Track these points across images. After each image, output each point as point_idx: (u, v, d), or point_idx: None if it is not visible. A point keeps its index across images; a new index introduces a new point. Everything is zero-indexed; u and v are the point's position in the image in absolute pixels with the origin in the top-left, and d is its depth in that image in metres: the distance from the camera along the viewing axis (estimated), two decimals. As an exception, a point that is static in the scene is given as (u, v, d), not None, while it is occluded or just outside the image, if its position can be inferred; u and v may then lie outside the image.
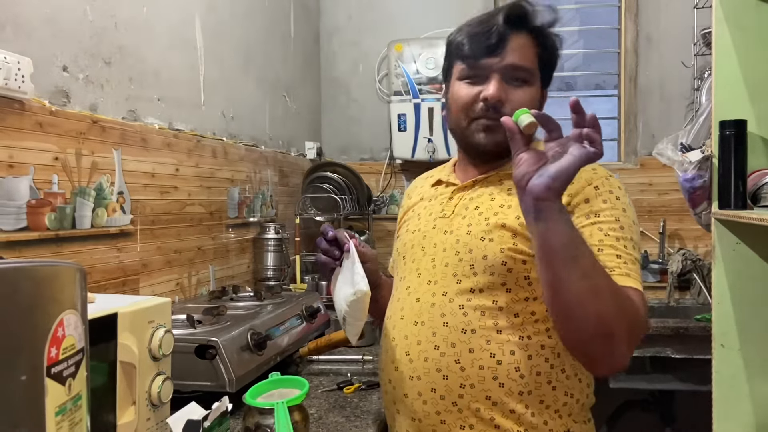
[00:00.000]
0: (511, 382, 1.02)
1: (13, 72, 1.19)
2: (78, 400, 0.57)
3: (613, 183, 1.06)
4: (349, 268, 1.12)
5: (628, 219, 1.03)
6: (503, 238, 1.05)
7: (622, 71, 3.01)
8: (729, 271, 1.71)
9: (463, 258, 1.07)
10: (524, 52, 1.10)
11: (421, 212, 1.24)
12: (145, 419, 1.01)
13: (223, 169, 2.10)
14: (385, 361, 1.16)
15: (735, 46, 1.72)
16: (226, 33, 2.16)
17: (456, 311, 1.06)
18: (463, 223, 1.12)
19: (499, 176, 1.15)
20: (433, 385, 1.05)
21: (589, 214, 1.02)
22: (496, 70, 1.09)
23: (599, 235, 1.00)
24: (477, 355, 1.03)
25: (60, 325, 0.54)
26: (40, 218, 1.29)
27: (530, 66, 1.10)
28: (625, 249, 0.99)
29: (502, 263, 1.04)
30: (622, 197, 1.05)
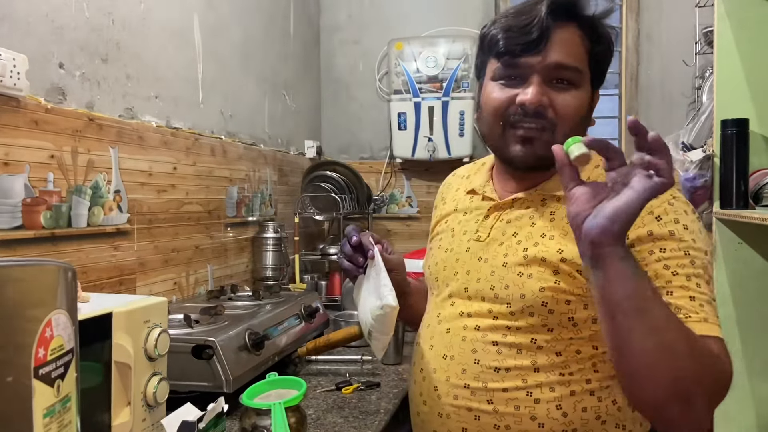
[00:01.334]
0: (552, 422, 0.92)
1: (8, 69, 1.18)
2: (67, 402, 0.56)
3: (678, 207, 0.91)
4: (374, 278, 1.03)
5: (699, 251, 0.88)
6: (543, 274, 0.93)
7: (623, 70, 3.00)
8: (730, 271, 1.70)
9: (499, 294, 0.96)
10: (571, 48, 0.94)
11: (455, 227, 1.12)
12: (141, 420, 1.00)
13: (222, 168, 2.09)
14: (414, 392, 1.08)
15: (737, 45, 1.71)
16: (224, 30, 2.14)
17: (489, 348, 0.96)
18: (499, 251, 1.00)
19: (542, 195, 1.01)
20: (463, 425, 0.97)
21: (653, 249, 0.87)
22: (537, 70, 0.95)
23: (667, 275, 0.85)
24: (512, 394, 0.93)
25: (48, 326, 0.53)
26: (35, 217, 1.28)
27: (578, 65, 0.95)
28: (698, 288, 0.85)
29: (543, 304, 0.92)
30: (690, 224, 0.90)
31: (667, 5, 2.87)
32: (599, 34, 0.98)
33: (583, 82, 0.97)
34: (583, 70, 0.97)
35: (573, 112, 0.96)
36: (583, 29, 0.96)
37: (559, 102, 0.95)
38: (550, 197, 1.00)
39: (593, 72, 0.99)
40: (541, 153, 0.96)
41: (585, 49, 0.97)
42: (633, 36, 2.95)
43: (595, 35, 0.97)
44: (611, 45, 1.01)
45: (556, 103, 0.95)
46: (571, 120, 0.96)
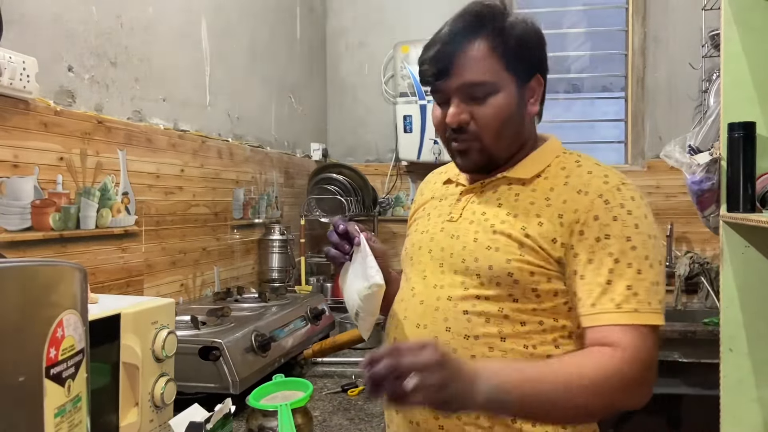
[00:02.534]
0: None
1: (18, 72, 1.19)
2: (78, 402, 0.57)
3: (626, 193, 1.00)
4: (360, 262, 1.09)
5: (641, 235, 0.97)
6: (509, 248, 1.01)
7: (630, 73, 2.99)
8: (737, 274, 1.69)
9: (470, 266, 1.04)
10: (480, 64, 1.02)
11: (431, 212, 1.21)
12: (148, 420, 1.00)
13: (229, 170, 2.10)
14: None
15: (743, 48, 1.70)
16: (232, 34, 2.15)
17: (459, 317, 1.03)
18: (470, 228, 1.08)
19: (507, 179, 1.10)
20: None
21: (599, 236, 0.97)
22: (453, 92, 1.04)
23: (609, 263, 0.95)
24: (479, 362, 0.99)
25: (59, 326, 0.53)
26: (44, 218, 1.29)
27: (488, 78, 1.03)
28: (638, 275, 0.94)
29: (509, 274, 1.00)
30: (635, 209, 0.99)
31: (674, 8, 2.87)
32: (506, 36, 1.04)
33: (500, 88, 1.04)
34: (497, 77, 1.03)
35: (492, 120, 1.04)
36: (489, 39, 1.03)
37: (479, 114, 1.04)
38: (515, 181, 1.09)
39: (516, 70, 1.05)
40: (477, 160, 1.08)
41: (496, 56, 1.03)
42: (639, 39, 2.95)
43: (503, 39, 1.03)
44: (526, 37, 1.06)
45: (476, 116, 1.04)
46: (492, 127, 1.04)
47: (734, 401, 1.68)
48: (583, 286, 0.97)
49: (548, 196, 1.03)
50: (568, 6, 3.15)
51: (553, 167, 1.08)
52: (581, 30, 3.19)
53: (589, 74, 3.27)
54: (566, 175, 1.05)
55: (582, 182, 1.02)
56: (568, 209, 1.00)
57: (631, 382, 0.91)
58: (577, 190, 1.01)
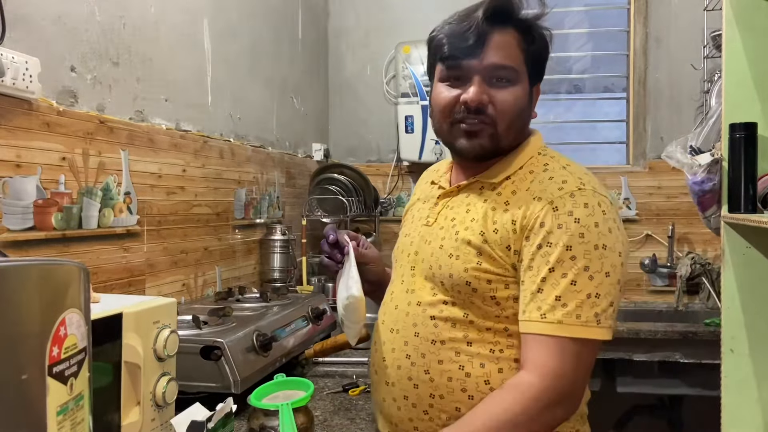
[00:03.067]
0: (481, 395, 0.99)
1: (20, 72, 1.19)
2: (80, 400, 0.57)
3: (579, 200, 0.97)
4: (346, 272, 1.13)
5: (585, 245, 0.94)
6: (468, 256, 1.02)
7: (631, 74, 2.99)
8: (738, 275, 1.69)
9: (435, 273, 1.06)
10: (508, 50, 1.03)
11: (414, 215, 1.23)
12: (150, 420, 1.00)
13: (230, 170, 2.10)
14: (370, 363, 1.18)
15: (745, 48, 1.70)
16: (234, 34, 2.16)
17: (427, 321, 1.05)
18: (439, 234, 1.09)
19: (480, 183, 1.10)
20: (405, 393, 1.06)
21: (541, 243, 0.96)
22: (478, 71, 1.03)
23: (544, 271, 0.95)
24: (446, 366, 1.02)
25: (62, 324, 0.54)
26: (46, 218, 1.29)
27: (514, 65, 1.04)
28: (571, 286, 0.93)
29: (467, 283, 1.01)
30: (585, 218, 0.95)
31: (675, 9, 2.87)
32: (534, 35, 1.06)
33: (520, 80, 1.05)
34: (519, 68, 1.05)
35: (511, 108, 1.04)
36: (519, 32, 1.05)
37: (498, 99, 1.04)
38: (487, 185, 1.09)
39: (530, 70, 1.07)
40: (485, 144, 1.06)
41: (521, 50, 1.05)
42: (641, 39, 2.95)
43: (530, 37, 1.06)
44: (546, 45, 1.09)
45: (495, 100, 1.04)
46: (509, 114, 1.05)
47: (735, 402, 1.68)
48: (522, 292, 0.98)
49: (508, 200, 1.04)
50: (569, 6, 3.15)
51: (524, 170, 1.08)
52: (583, 30, 3.19)
53: (590, 75, 3.27)
54: (531, 179, 1.05)
55: (540, 188, 1.01)
56: (520, 215, 1.00)
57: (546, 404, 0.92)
58: (534, 196, 1.01)
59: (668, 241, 2.81)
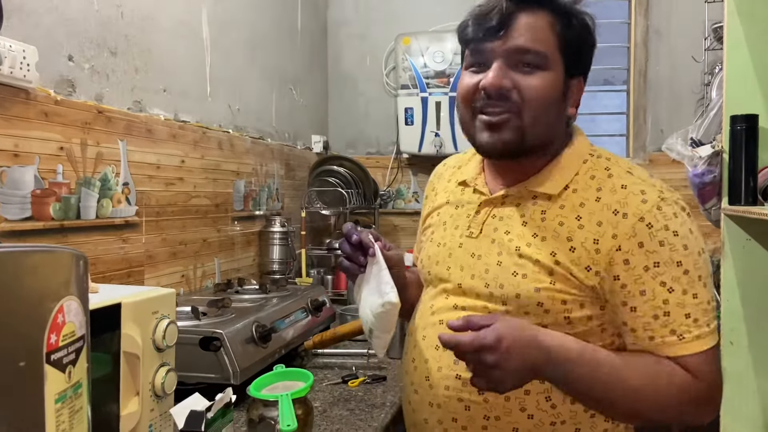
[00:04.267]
0: (541, 413, 0.94)
1: (18, 60, 1.18)
2: (78, 388, 0.57)
3: (667, 211, 0.91)
4: (375, 276, 1.02)
5: (691, 255, 0.90)
6: (538, 275, 0.93)
7: (632, 66, 2.98)
8: (738, 267, 1.69)
9: (494, 293, 0.97)
10: (536, 32, 0.93)
11: (447, 221, 1.11)
12: (149, 410, 1.00)
13: (229, 162, 2.10)
14: (406, 382, 1.09)
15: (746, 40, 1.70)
16: (232, 24, 2.15)
17: None
18: (492, 249, 0.99)
19: (531, 192, 1.00)
20: (454, 415, 0.98)
21: (647, 266, 0.89)
22: (499, 54, 0.94)
23: (663, 293, 0.89)
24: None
25: (60, 312, 0.53)
26: (44, 208, 1.28)
27: (542, 48, 0.93)
28: (694, 300, 0.89)
29: (538, 304, 0.93)
30: (680, 228, 0.91)
31: (676, 1, 2.86)
32: (571, 20, 0.96)
33: (552, 66, 0.95)
34: (550, 54, 0.94)
35: (539, 94, 0.94)
36: (554, 15, 0.95)
37: (523, 84, 0.93)
38: (541, 195, 0.99)
39: (567, 58, 0.97)
40: (508, 138, 0.95)
41: (555, 35, 0.95)
42: (642, 32, 2.94)
43: (567, 21, 0.96)
44: (588, 32, 0.99)
45: (521, 86, 0.94)
46: (537, 102, 0.94)
47: (734, 393, 1.69)
48: (636, 319, 0.91)
49: (579, 214, 0.94)
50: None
51: (582, 176, 0.98)
52: (583, 22, 3.17)
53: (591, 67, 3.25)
54: (597, 187, 0.96)
55: (617, 200, 0.93)
56: (605, 234, 0.91)
57: (695, 400, 0.90)
58: (613, 210, 0.92)
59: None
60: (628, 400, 0.89)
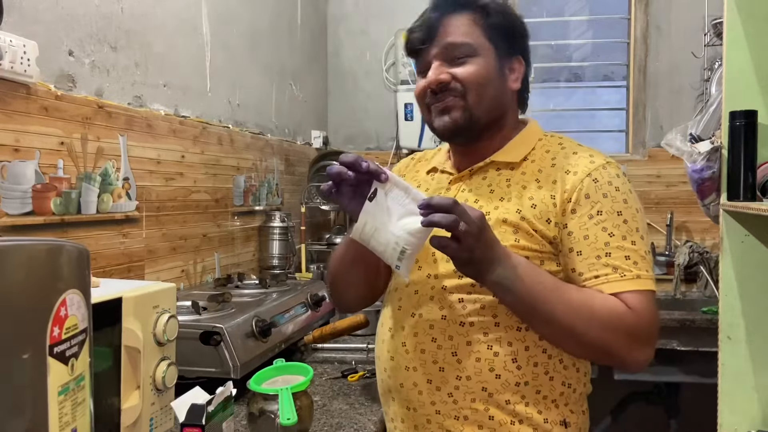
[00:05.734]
0: (508, 374, 1.01)
1: (18, 55, 1.19)
2: (81, 381, 0.57)
3: (611, 171, 1.04)
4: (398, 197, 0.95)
5: (630, 209, 1.02)
6: (505, 234, 1.02)
7: (632, 61, 2.98)
8: (737, 263, 1.69)
9: None
10: (460, 29, 1.07)
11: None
12: (150, 404, 1.01)
13: (229, 157, 2.10)
14: (381, 350, 1.15)
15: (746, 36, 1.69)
16: (232, 19, 2.15)
17: (455, 304, 1.05)
18: None
19: (495, 164, 1.12)
20: (429, 377, 1.05)
21: (591, 213, 1.00)
22: (434, 55, 1.08)
23: (604, 237, 0.99)
24: (474, 347, 1.02)
25: (63, 305, 0.54)
26: (45, 203, 1.29)
27: (468, 40, 1.07)
28: (633, 246, 0.99)
29: None
30: (622, 186, 1.03)
31: (677, -4, 2.86)
32: (487, 11, 1.09)
33: (482, 53, 1.07)
34: (478, 42, 1.07)
35: (475, 77, 1.06)
36: (474, 13, 1.08)
37: (459, 73, 1.06)
38: (503, 165, 1.11)
39: (495, 42, 1.09)
40: (458, 118, 1.07)
41: (478, 26, 1.08)
42: (641, 27, 2.94)
43: (486, 14, 1.09)
44: (509, 15, 1.12)
45: (458, 75, 1.06)
46: (475, 83, 1.06)
47: (732, 389, 1.69)
48: (582, 261, 0.99)
49: (538, 178, 1.06)
50: (570, -6, 3.13)
51: (538, 150, 1.11)
52: (583, 18, 3.18)
53: (590, 63, 3.25)
54: (552, 157, 1.08)
55: (569, 163, 1.05)
56: (558, 189, 1.03)
57: (633, 333, 0.95)
58: (566, 170, 1.04)
59: (667, 230, 2.81)
60: (566, 315, 0.95)
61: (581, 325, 0.94)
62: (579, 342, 0.97)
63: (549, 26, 3.21)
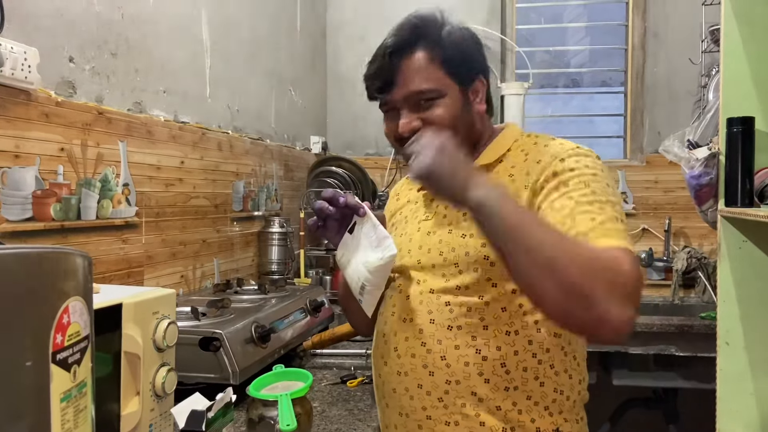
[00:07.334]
0: (497, 378, 1.02)
1: (19, 62, 1.19)
2: (83, 387, 0.58)
3: (581, 152, 1.04)
4: (367, 233, 1.05)
5: (600, 183, 0.97)
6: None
7: (629, 68, 3.00)
8: (735, 268, 1.70)
9: (447, 257, 1.07)
10: (420, 73, 1.07)
11: (408, 215, 1.24)
12: (149, 410, 1.01)
13: (228, 163, 2.10)
14: (376, 356, 1.16)
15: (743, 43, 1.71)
16: (232, 26, 2.15)
17: (442, 308, 1.05)
18: (444, 222, 1.12)
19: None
20: (419, 381, 1.06)
21: (558, 185, 0.99)
22: (400, 104, 1.08)
23: (570, 204, 0.95)
24: (462, 351, 1.03)
25: (65, 312, 0.54)
26: (45, 209, 1.29)
27: (432, 85, 1.07)
28: (601, 210, 0.92)
29: (485, 258, 1.02)
30: (592, 164, 1.01)
31: (674, 3, 2.87)
32: (442, 45, 1.08)
33: (447, 91, 1.08)
34: (440, 83, 1.07)
35: (445, 119, 1.07)
36: (428, 48, 1.07)
37: (430, 117, 1.07)
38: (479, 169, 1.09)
39: (457, 76, 1.09)
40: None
41: (437, 65, 1.07)
42: (639, 34, 2.95)
43: (442, 47, 1.08)
44: (460, 41, 1.11)
45: (428, 119, 1.07)
46: (446, 123, 1.06)
47: (730, 394, 1.70)
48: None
49: (511, 173, 1.07)
50: (568, 0, 3.15)
51: (513, 150, 1.12)
52: (581, 24, 3.19)
53: (588, 69, 3.27)
54: (525, 153, 1.09)
55: (539, 152, 1.06)
56: (530, 179, 1.03)
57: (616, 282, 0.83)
58: (537, 160, 1.05)
59: (665, 235, 2.82)
60: (549, 245, 0.84)
61: (563, 258, 0.82)
62: (558, 280, 0.82)
63: (547, 32, 3.22)
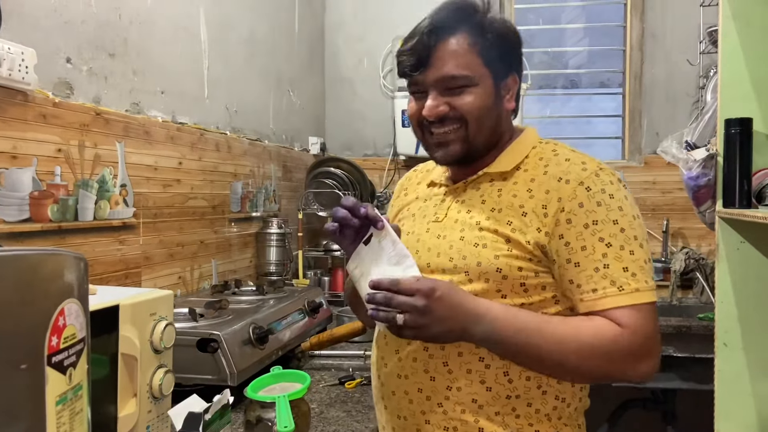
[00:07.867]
0: (499, 386, 1.01)
1: (16, 63, 1.19)
2: (79, 390, 0.57)
3: (604, 178, 1.02)
4: (387, 248, 1.01)
5: (626, 216, 0.99)
6: (497, 243, 1.02)
7: (627, 69, 3.00)
8: (732, 269, 1.70)
9: (458, 264, 1.04)
10: (458, 58, 1.03)
11: (415, 213, 1.20)
12: (146, 411, 1.01)
13: (227, 163, 2.10)
14: (377, 356, 1.15)
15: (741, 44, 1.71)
16: (230, 26, 2.15)
17: None
18: (455, 227, 1.08)
19: (489, 176, 1.10)
20: (419, 385, 1.05)
21: (587, 223, 0.98)
22: (430, 84, 1.05)
23: (602, 248, 0.97)
24: (466, 358, 1.02)
25: (61, 314, 0.54)
26: (42, 210, 1.29)
27: (467, 72, 1.03)
28: (631, 256, 0.97)
29: (497, 270, 1.01)
30: (616, 192, 1.01)
31: (672, 4, 2.87)
32: (487, 32, 1.05)
33: (480, 81, 1.05)
34: (475, 72, 1.04)
35: (474, 108, 1.04)
36: (471, 34, 1.04)
37: (458, 104, 1.04)
38: (496, 176, 1.09)
39: (493, 67, 1.06)
40: (458, 150, 1.07)
41: (476, 53, 1.04)
42: (637, 35, 2.95)
43: (483, 36, 1.05)
44: (505, 35, 1.08)
45: (456, 105, 1.04)
46: (474, 114, 1.05)
47: (729, 396, 1.69)
48: (580, 273, 0.98)
49: (530, 187, 1.04)
50: (566, 1, 3.15)
51: (531, 158, 1.09)
52: (579, 26, 3.19)
53: (586, 70, 3.27)
54: (545, 164, 1.06)
55: (561, 170, 1.03)
56: (552, 199, 1.01)
57: (629, 353, 0.95)
58: (558, 178, 1.02)
59: (663, 236, 2.82)
60: (555, 353, 0.95)
61: (573, 359, 0.95)
62: (576, 374, 0.99)
63: (545, 33, 3.22)
